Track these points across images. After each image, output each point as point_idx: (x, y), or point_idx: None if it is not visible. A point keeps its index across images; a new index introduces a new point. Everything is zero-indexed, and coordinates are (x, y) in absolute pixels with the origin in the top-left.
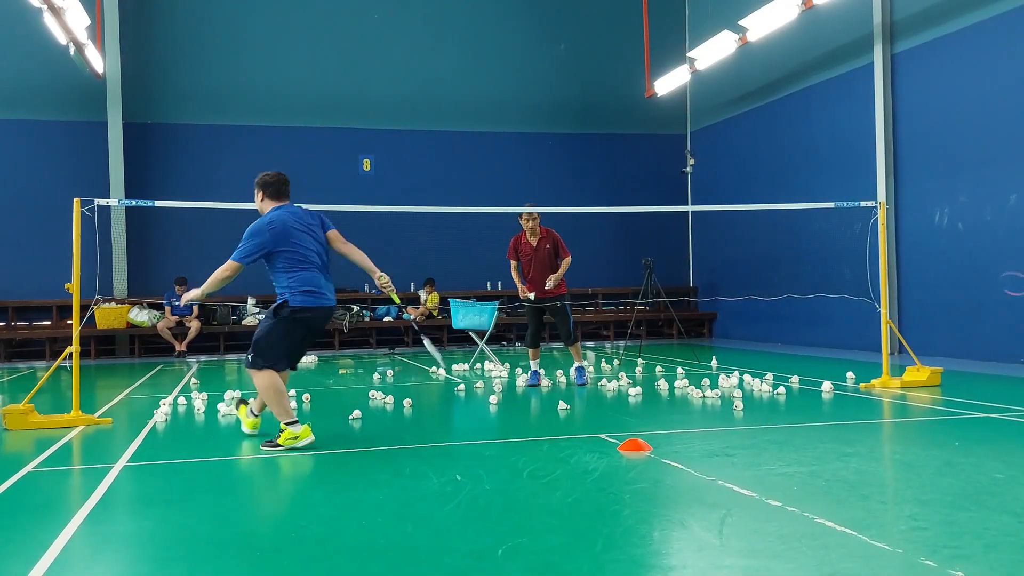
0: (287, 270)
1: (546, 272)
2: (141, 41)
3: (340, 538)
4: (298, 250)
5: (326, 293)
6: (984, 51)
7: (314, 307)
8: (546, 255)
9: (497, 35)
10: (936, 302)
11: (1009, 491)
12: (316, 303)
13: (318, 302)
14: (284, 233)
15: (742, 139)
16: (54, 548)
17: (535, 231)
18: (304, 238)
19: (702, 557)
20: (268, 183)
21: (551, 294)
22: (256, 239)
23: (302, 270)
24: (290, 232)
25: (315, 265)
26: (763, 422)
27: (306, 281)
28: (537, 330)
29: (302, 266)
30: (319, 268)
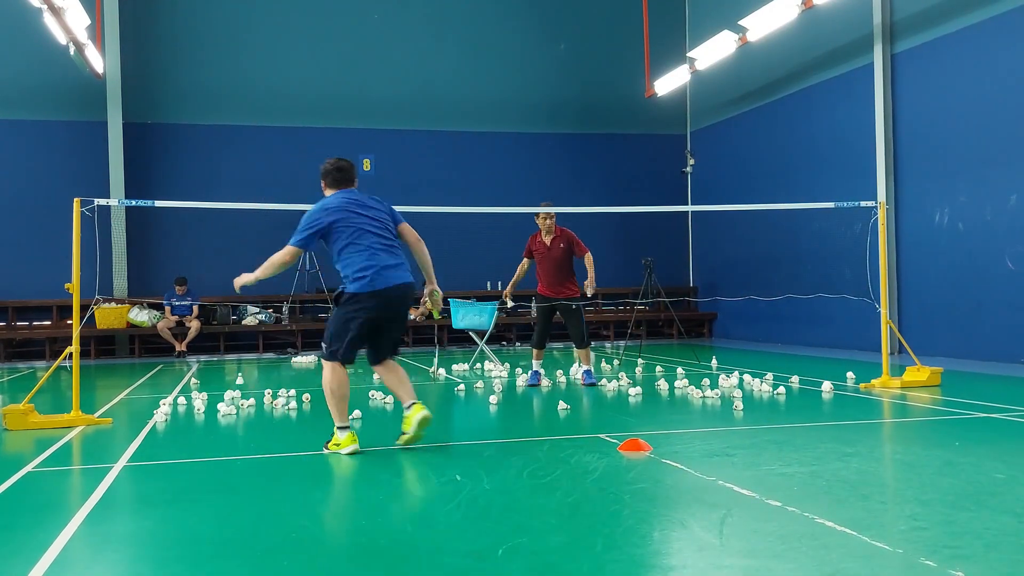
0: (344, 256)
1: (559, 271)
2: (141, 41)
3: (340, 538)
4: (354, 234)
5: (385, 275)
6: (984, 51)
7: (369, 292)
8: (560, 254)
9: (497, 35)
10: (936, 302)
11: (1009, 491)
12: (371, 287)
13: (372, 286)
14: (338, 216)
15: (742, 139)
16: (54, 548)
17: (551, 230)
18: (361, 221)
19: (702, 557)
20: (327, 171)
21: (566, 294)
22: (309, 221)
23: (358, 254)
24: (345, 215)
25: (374, 249)
26: (763, 422)
27: (362, 267)
28: (545, 330)
29: (359, 251)
30: (380, 251)
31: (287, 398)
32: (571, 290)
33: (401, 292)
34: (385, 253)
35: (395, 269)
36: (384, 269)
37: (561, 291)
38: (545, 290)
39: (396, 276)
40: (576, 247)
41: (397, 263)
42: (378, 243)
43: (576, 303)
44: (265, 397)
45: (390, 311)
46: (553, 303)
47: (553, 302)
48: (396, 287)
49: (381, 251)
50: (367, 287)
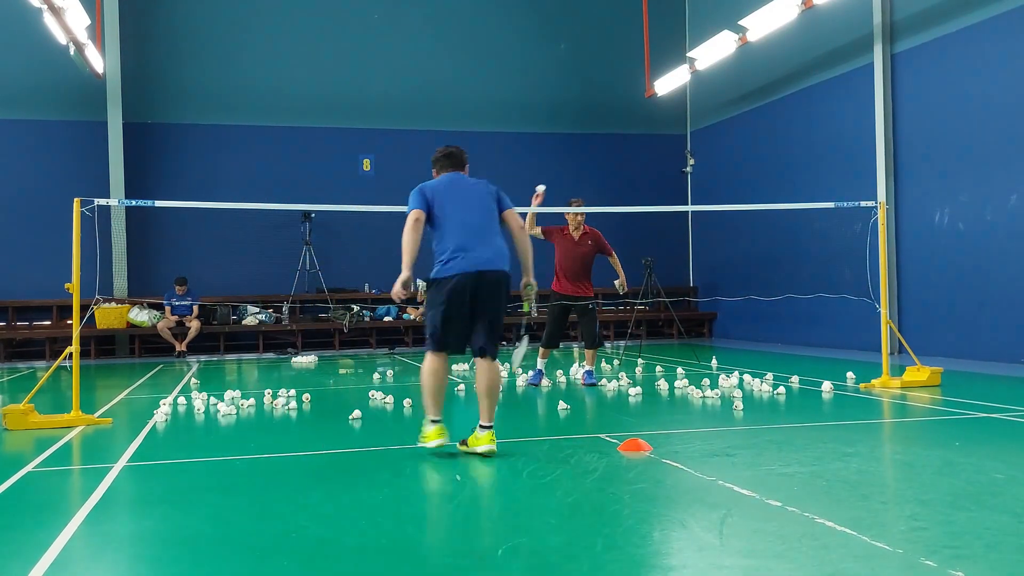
0: (437, 238)
1: (584, 269)
2: (141, 41)
3: (340, 538)
4: (446, 215)
5: (471, 257)
6: (984, 51)
7: (452, 275)
8: (587, 251)
9: (497, 35)
10: (936, 302)
11: (1009, 491)
12: (454, 270)
13: (454, 270)
14: (435, 195)
15: (742, 139)
16: (54, 548)
17: (579, 227)
18: (457, 203)
19: (702, 557)
20: (435, 159)
21: (584, 293)
22: (415, 193)
23: (448, 237)
24: (442, 195)
25: (465, 230)
26: (763, 422)
27: (449, 250)
28: (559, 330)
29: (448, 233)
30: (471, 234)
31: (287, 398)
32: (588, 290)
33: (487, 279)
34: (475, 238)
35: (482, 253)
36: (470, 253)
37: (580, 290)
38: (566, 287)
39: (482, 261)
40: (604, 247)
41: (486, 247)
42: (470, 227)
43: (592, 303)
44: (265, 397)
45: (474, 295)
46: (572, 302)
47: (572, 301)
48: (480, 273)
49: (471, 235)
50: (449, 271)
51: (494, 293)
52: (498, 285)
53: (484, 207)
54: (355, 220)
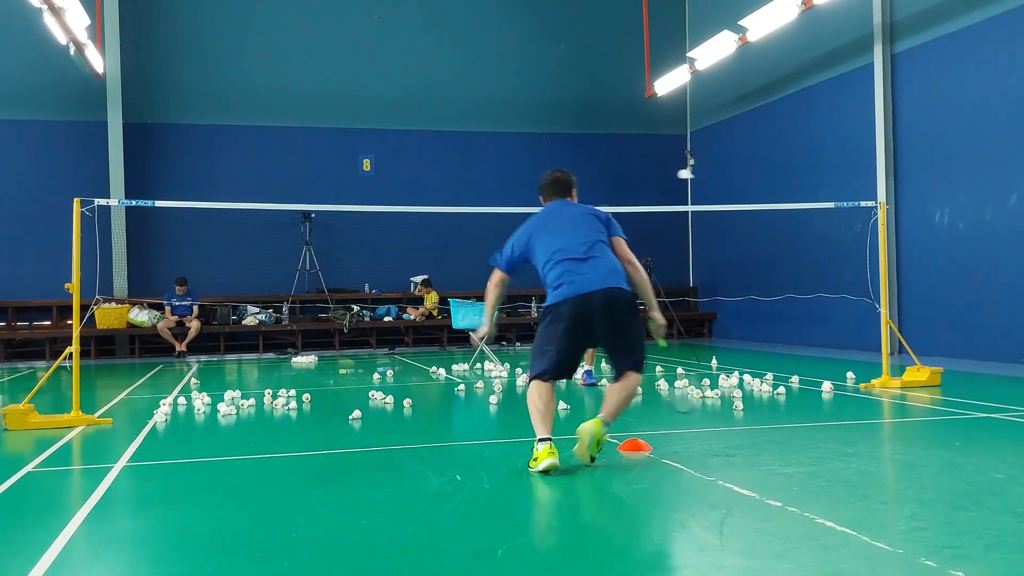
0: (542, 270)
1: None
2: (141, 41)
3: (340, 538)
4: (550, 245)
5: (579, 281)
6: (984, 51)
7: (562, 300)
8: None
9: (497, 35)
10: (936, 302)
11: (1009, 491)
12: (564, 295)
13: (567, 293)
14: (535, 230)
15: (742, 139)
16: (54, 548)
17: None
18: (561, 230)
19: (702, 557)
20: (541, 184)
21: None
22: (511, 242)
23: (554, 266)
24: (542, 228)
25: (570, 258)
26: (763, 422)
27: (556, 277)
28: None
29: (554, 262)
30: (576, 260)
31: (287, 398)
32: None
33: (599, 298)
34: (579, 262)
35: (591, 274)
36: (578, 276)
37: None
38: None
39: (591, 282)
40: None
41: (593, 269)
42: (578, 254)
43: None
44: (265, 397)
45: (587, 320)
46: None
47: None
48: (590, 294)
49: (580, 262)
50: (561, 295)
51: (600, 316)
52: (609, 306)
53: (593, 234)
54: (355, 220)
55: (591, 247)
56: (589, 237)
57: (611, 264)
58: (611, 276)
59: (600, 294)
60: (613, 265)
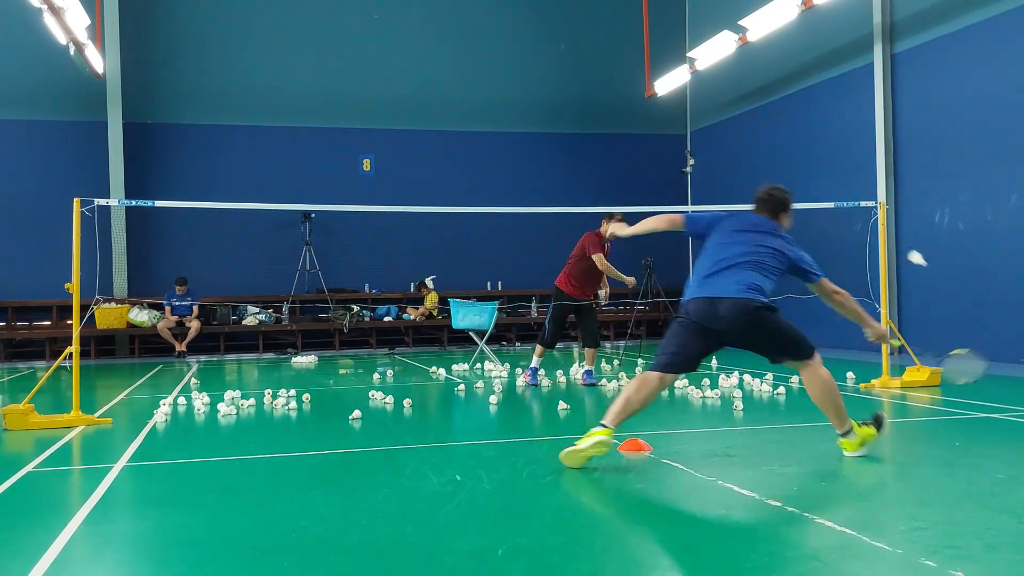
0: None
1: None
2: (141, 41)
3: (340, 538)
4: (711, 248)
5: (706, 286)
6: (984, 51)
7: (688, 300)
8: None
9: (497, 35)
10: (936, 302)
11: (1009, 491)
12: (690, 296)
13: (693, 295)
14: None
15: (742, 139)
16: (54, 548)
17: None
18: (730, 240)
19: (702, 557)
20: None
21: (587, 297)
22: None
23: (700, 268)
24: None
25: (720, 266)
26: (763, 422)
27: (693, 278)
28: (558, 331)
29: (703, 265)
30: (725, 267)
31: (287, 398)
32: (591, 293)
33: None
34: (720, 272)
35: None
36: (709, 282)
37: (586, 294)
38: (574, 291)
39: (715, 289)
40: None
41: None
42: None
43: (593, 303)
44: (265, 397)
45: (708, 325)
46: (576, 303)
47: (578, 302)
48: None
49: (724, 270)
50: (685, 296)
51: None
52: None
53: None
54: (355, 220)
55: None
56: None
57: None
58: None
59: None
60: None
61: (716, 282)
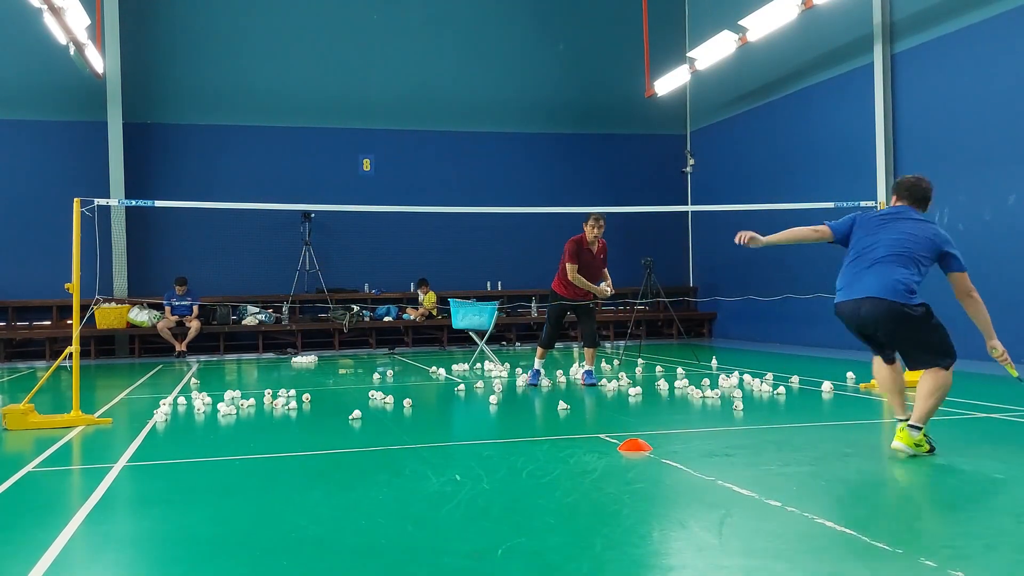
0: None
1: (591, 277)
2: (141, 41)
3: (340, 538)
4: (856, 245)
5: (854, 287)
6: (984, 51)
7: (838, 303)
8: (599, 263)
9: (497, 35)
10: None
11: (1009, 491)
12: (839, 299)
13: (841, 297)
14: (854, 225)
15: (742, 139)
16: (54, 548)
17: (596, 241)
18: (876, 233)
19: (702, 557)
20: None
21: (584, 297)
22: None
23: (848, 265)
24: (860, 226)
25: (865, 260)
26: (763, 422)
27: (841, 277)
28: (557, 330)
29: (850, 262)
30: (870, 263)
31: (287, 398)
32: (589, 294)
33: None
34: (865, 269)
35: (865, 285)
36: (857, 282)
37: (582, 294)
38: (569, 292)
39: (865, 289)
40: (605, 259)
41: (871, 278)
42: (873, 258)
43: (591, 303)
44: (265, 397)
45: (857, 323)
46: (573, 303)
47: (574, 302)
48: (859, 301)
49: (870, 266)
50: (838, 298)
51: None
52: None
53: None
54: (355, 220)
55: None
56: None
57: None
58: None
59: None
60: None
61: (861, 283)
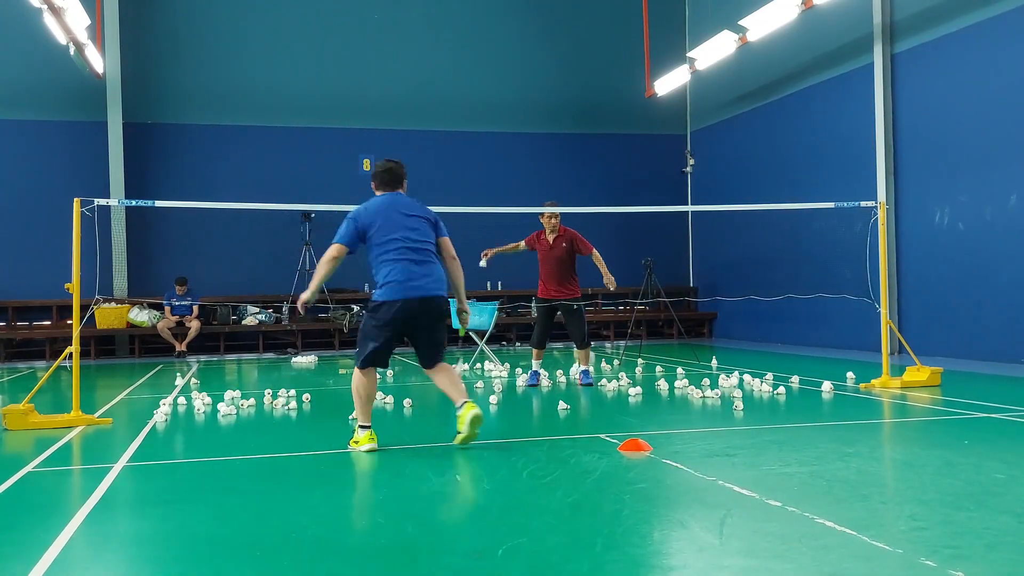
0: (377, 262)
1: (561, 271)
2: (141, 41)
3: (340, 538)
4: (388, 242)
5: (409, 286)
6: (984, 51)
7: (391, 301)
8: (562, 253)
9: (497, 35)
10: (936, 302)
11: (1009, 491)
12: (393, 296)
13: (394, 295)
14: (376, 220)
15: (742, 139)
16: (54, 548)
17: (555, 229)
18: (396, 228)
19: (702, 557)
20: (376, 172)
21: (567, 295)
22: (349, 218)
23: (388, 263)
24: (383, 220)
25: (404, 259)
26: (763, 422)
27: (388, 275)
28: (545, 330)
29: (389, 259)
30: (410, 261)
31: (287, 398)
32: (572, 290)
33: (425, 305)
34: (415, 264)
35: (421, 280)
36: (410, 280)
37: (562, 291)
38: (546, 291)
39: (421, 288)
40: (580, 245)
41: (425, 274)
42: (409, 253)
43: (577, 303)
44: (265, 397)
45: (414, 321)
46: (554, 304)
47: (554, 303)
48: (419, 299)
49: (411, 262)
50: (389, 296)
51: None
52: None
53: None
54: None
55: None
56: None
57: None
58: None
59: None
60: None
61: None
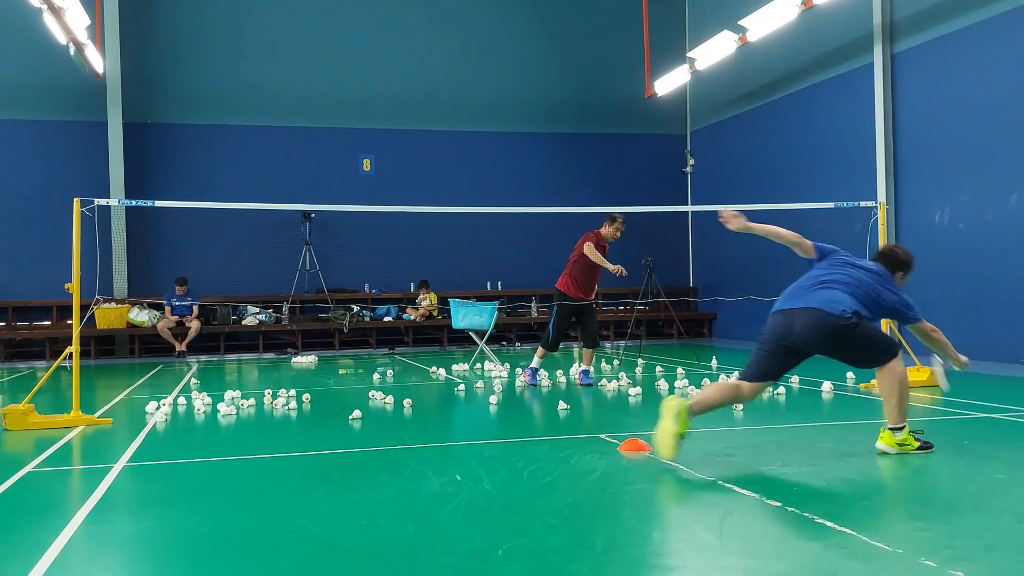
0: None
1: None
2: (141, 41)
3: (340, 538)
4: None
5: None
6: (984, 51)
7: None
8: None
9: (497, 35)
10: (936, 302)
11: (1009, 491)
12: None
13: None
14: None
15: (742, 139)
16: (54, 548)
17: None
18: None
19: (702, 557)
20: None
21: (590, 298)
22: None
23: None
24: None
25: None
26: (763, 422)
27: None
28: (563, 332)
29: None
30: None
31: (287, 398)
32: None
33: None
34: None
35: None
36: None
37: (591, 294)
38: (578, 293)
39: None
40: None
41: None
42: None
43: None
44: (265, 397)
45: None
46: (580, 304)
47: (580, 303)
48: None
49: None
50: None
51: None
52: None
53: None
54: (355, 220)
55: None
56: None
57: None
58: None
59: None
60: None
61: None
